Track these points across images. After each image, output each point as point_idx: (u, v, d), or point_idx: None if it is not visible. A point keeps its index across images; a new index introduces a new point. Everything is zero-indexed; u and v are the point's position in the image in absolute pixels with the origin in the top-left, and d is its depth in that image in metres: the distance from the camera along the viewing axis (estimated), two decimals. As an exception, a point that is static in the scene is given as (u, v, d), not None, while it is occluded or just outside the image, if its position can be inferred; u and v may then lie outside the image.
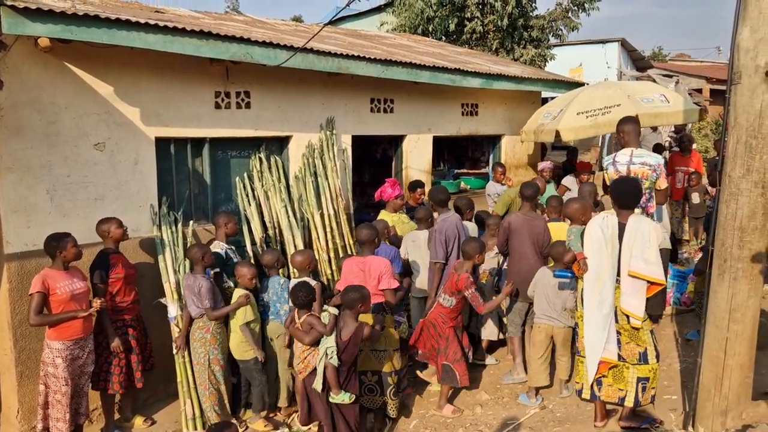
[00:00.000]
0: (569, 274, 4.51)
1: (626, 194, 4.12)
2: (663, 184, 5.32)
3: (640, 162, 5.25)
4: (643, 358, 4.04)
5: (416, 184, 6.90)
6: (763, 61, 3.19)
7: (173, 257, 5.40)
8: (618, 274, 4.02)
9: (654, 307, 5.25)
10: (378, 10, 17.01)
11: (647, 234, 3.93)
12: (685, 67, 28.17)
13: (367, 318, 4.65)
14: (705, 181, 8.50)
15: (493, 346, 6.14)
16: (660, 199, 5.45)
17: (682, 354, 5.19)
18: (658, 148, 9.22)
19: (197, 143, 6.05)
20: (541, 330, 5.10)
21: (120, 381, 4.97)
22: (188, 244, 5.46)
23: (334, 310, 4.55)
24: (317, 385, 4.38)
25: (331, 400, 4.40)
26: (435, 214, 5.92)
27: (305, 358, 4.56)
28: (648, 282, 3.94)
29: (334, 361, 4.32)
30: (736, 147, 3.35)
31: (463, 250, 5.13)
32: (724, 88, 3.43)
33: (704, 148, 15.07)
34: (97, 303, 4.58)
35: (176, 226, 5.56)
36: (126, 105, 5.39)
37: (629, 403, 4.10)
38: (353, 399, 4.43)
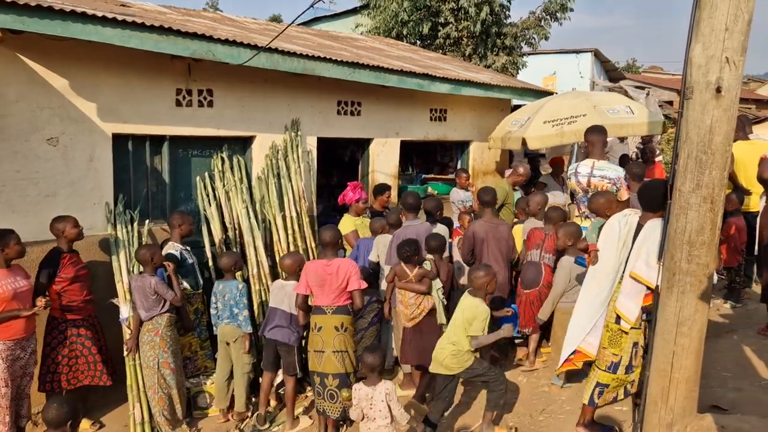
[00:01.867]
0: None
1: (652, 198, 3.97)
2: (624, 195, 5.37)
3: (600, 175, 5.30)
4: (613, 368, 4.02)
5: (382, 188, 6.85)
6: (714, 78, 3.21)
7: (128, 257, 5.28)
8: (622, 274, 4.02)
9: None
10: (353, 11, 16.97)
11: (659, 240, 3.86)
12: (657, 79, 28.66)
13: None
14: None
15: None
16: (622, 210, 5.50)
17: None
18: (624, 159, 9.33)
19: (157, 141, 5.93)
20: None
21: (60, 380, 4.84)
22: (142, 244, 5.34)
23: (431, 256, 5.27)
24: (442, 318, 5.07)
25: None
26: (402, 219, 5.85)
27: (420, 303, 5.02)
28: (648, 288, 3.91)
29: (444, 300, 5.14)
30: (687, 162, 3.35)
31: (548, 216, 5.53)
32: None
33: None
34: (41, 302, 4.44)
35: (132, 225, 5.44)
36: (82, 100, 5.26)
37: (584, 400, 4.13)
38: None
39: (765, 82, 35.81)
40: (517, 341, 5.94)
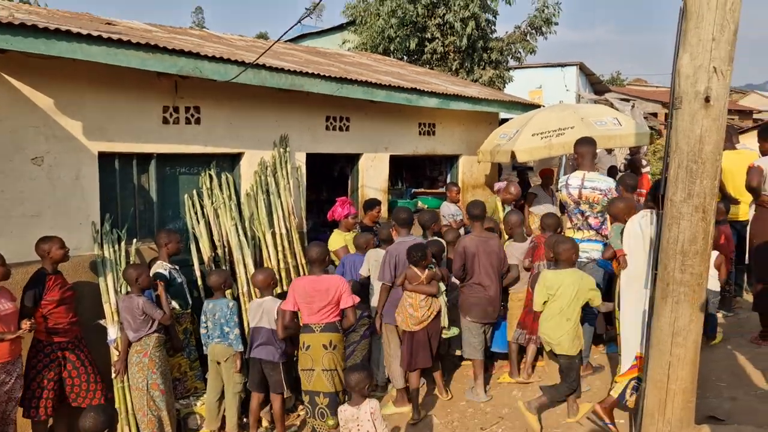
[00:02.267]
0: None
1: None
2: (614, 207, 5.37)
3: (591, 186, 5.30)
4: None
5: (372, 203, 6.82)
6: (702, 87, 3.22)
7: (115, 277, 5.20)
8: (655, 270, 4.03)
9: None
10: (340, 28, 17.05)
11: None
12: (641, 91, 28.98)
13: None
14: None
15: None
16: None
17: (631, 376, 5.19)
18: (612, 171, 9.38)
19: (144, 159, 5.87)
20: None
21: (47, 406, 4.72)
22: (130, 263, 5.26)
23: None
24: (445, 320, 5.28)
25: (444, 335, 5.35)
26: (394, 234, 5.79)
27: (430, 306, 5.15)
28: None
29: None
30: (678, 171, 3.36)
31: (545, 223, 5.70)
32: (672, 113, 3.45)
33: (660, 170, 15.42)
34: (26, 325, 4.35)
35: (119, 245, 5.36)
36: (67, 118, 5.20)
37: (614, 393, 4.26)
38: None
39: (747, 93, 36.32)
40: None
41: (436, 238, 5.96)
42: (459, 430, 5.05)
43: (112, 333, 5.07)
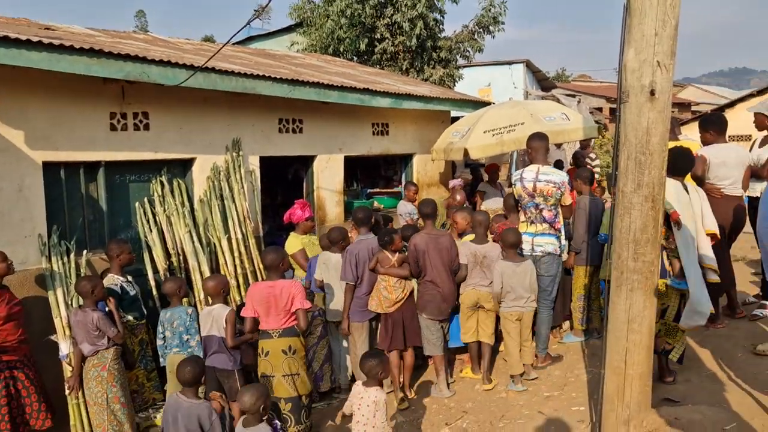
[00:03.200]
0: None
1: (675, 160, 4.18)
2: (568, 200, 5.51)
3: (545, 180, 5.41)
4: (660, 314, 4.27)
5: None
6: (647, 81, 3.32)
7: (65, 290, 5.03)
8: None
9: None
10: (288, 30, 16.91)
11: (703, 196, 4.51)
12: (586, 87, 29.79)
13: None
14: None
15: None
16: (566, 214, 5.64)
17: (589, 365, 5.32)
18: (558, 165, 9.59)
19: (91, 167, 5.70)
20: (512, 317, 5.26)
21: (4, 429, 4.53)
22: (82, 276, 5.10)
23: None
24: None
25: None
26: (354, 233, 5.82)
27: (404, 287, 5.36)
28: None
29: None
30: (627, 163, 3.46)
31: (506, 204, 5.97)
32: (618, 106, 3.55)
33: (606, 163, 15.87)
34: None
35: (68, 257, 5.19)
36: (8, 127, 5.01)
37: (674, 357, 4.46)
38: None
39: (685, 87, 37.74)
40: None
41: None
42: (425, 426, 5.08)
43: (64, 348, 4.91)
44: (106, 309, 4.86)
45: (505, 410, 4.88)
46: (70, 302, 5.01)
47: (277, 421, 4.21)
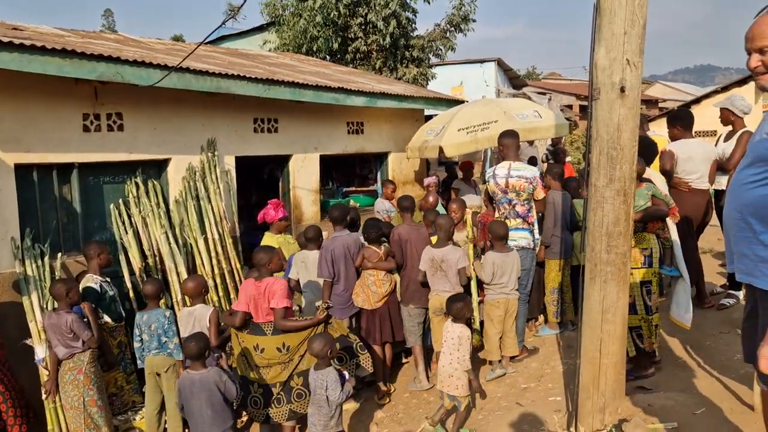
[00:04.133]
0: None
1: (642, 151, 4.24)
2: (540, 194, 5.61)
3: (517, 175, 5.51)
4: (631, 309, 4.27)
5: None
6: (617, 78, 3.43)
7: (39, 294, 4.96)
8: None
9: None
10: (261, 29, 16.82)
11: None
12: (556, 85, 30.20)
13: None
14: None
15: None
16: (539, 208, 5.75)
17: (564, 356, 5.44)
18: (532, 161, 9.74)
19: (65, 169, 5.63)
20: (499, 305, 5.28)
21: None
22: (56, 279, 5.04)
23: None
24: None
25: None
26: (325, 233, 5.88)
27: (391, 280, 5.50)
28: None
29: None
30: (600, 158, 3.56)
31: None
32: (589, 104, 3.65)
33: (576, 159, 16.15)
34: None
35: (42, 260, 5.13)
36: (-22, 130, 4.93)
37: (631, 353, 4.47)
38: None
39: (651, 84, 38.46)
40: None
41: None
42: (405, 421, 5.14)
43: (40, 352, 4.85)
44: (82, 311, 4.81)
45: (484, 402, 4.96)
46: (45, 306, 4.95)
47: (345, 372, 4.49)
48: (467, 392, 4.57)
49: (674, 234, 4.61)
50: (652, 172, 4.81)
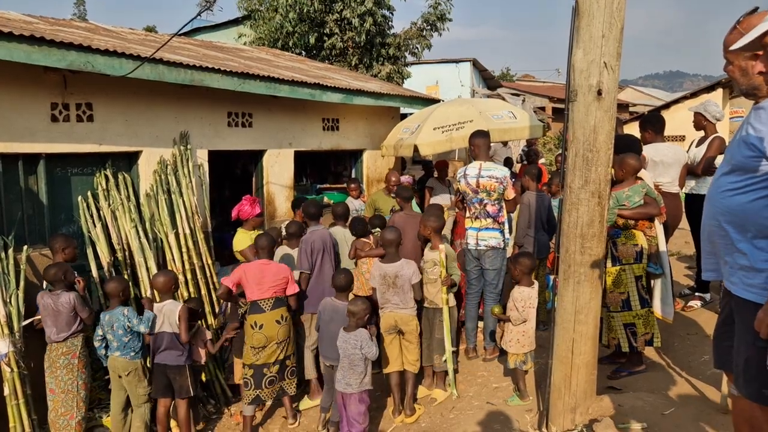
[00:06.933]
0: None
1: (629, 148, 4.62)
2: (511, 194, 5.64)
3: (488, 175, 5.53)
4: (626, 305, 4.51)
5: (298, 202, 6.92)
6: (595, 81, 3.46)
7: (4, 287, 4.82)
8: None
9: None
10: (235, 22, 16.63)
11: None
12: (530, 86, 30.47)
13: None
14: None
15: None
16: (509, 207, 5.78)
17: (536, 356, 5.48)
18: (507, 162, 9.82)
19: (31, 160, 5.46)
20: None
21: None
22: (21, 272, 4.91)
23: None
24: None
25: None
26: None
27: None
28: None
29: None
30: (575, 160, 3.59)
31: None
32: (563, 106, 3.68)
33: (549, 161, 16.33)
34: None
35: (6, 253, 4.97)
36: (-60, 117, 4.75)
37: (625, 349, 4.61)
38: None
39: (623, 88, 39.09)
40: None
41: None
42: (378, 420, 5.12)
43: (3, 347, 4.70)
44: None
45: (456, 402, 4.97)
46: (8, 299, 4.80)
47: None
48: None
49: (660, 233, 4.69)
50: (642, 171, 4.86)
